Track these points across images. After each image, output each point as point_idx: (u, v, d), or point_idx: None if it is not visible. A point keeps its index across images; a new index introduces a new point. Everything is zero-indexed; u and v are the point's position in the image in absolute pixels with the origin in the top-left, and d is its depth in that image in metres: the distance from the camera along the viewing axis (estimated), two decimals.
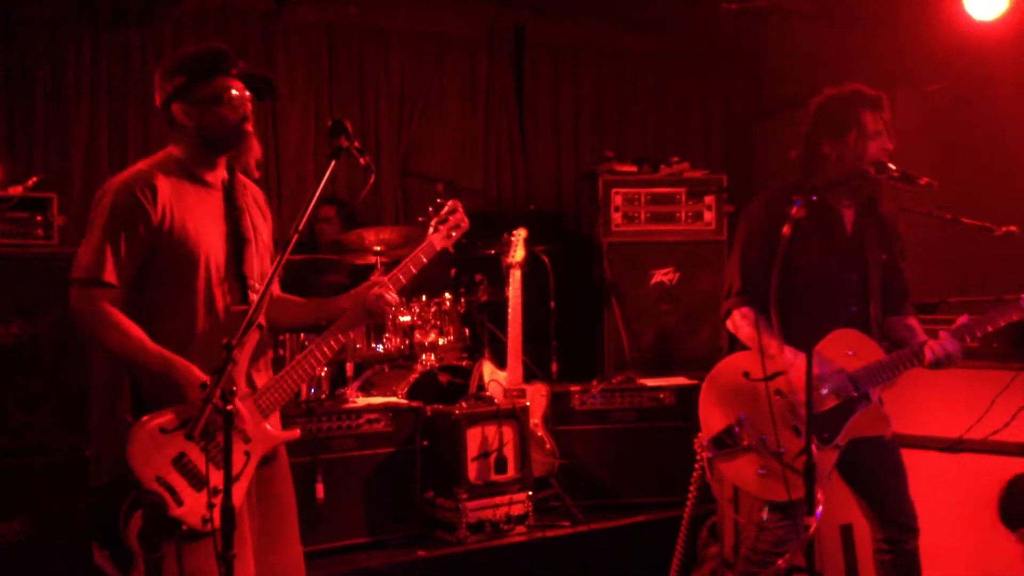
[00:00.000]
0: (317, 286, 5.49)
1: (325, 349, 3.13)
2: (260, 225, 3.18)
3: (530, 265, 5.53)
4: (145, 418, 2.83)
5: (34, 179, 4.19)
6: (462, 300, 5.71)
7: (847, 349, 3.53)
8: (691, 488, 3.89)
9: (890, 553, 3.68)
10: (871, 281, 3.68)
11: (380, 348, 5.35)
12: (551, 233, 6.28)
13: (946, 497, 4.09)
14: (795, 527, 3.51)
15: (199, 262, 2.97)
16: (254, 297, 3.03)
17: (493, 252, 5.59)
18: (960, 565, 4.13)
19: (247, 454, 2.95)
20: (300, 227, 2.79)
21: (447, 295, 5.61)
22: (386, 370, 5.52)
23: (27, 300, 3.95)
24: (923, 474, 4.13)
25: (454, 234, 3.46)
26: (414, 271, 3.33)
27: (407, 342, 5.41)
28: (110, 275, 2.87)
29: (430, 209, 3.52)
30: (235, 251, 3.05)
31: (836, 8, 6.55)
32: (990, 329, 3.55)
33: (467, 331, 5.70)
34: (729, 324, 3.72)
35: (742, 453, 3.53)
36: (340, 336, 3.16)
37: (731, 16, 6.58)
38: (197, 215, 3.00)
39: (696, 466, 3.73)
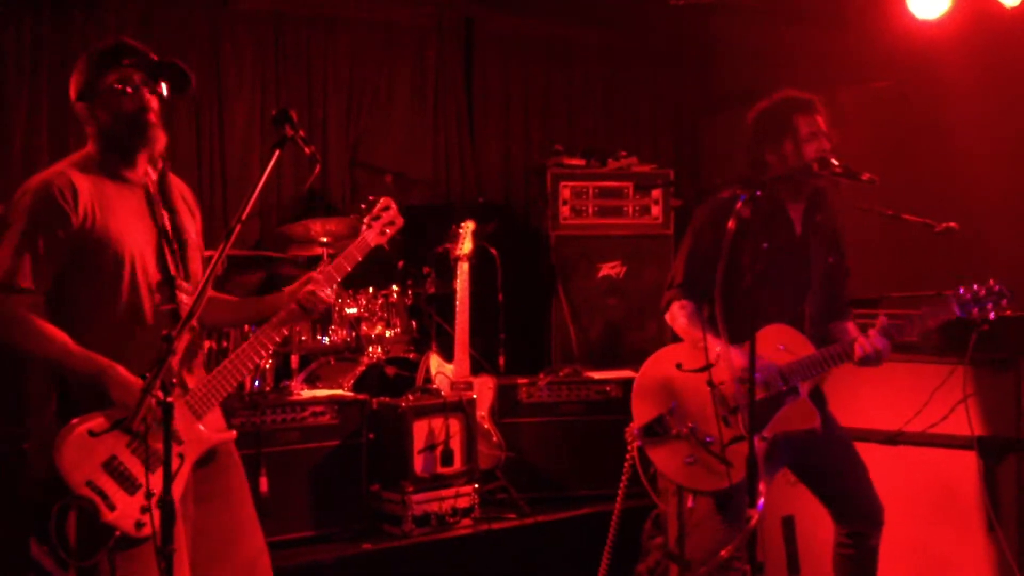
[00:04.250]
0: (275, 278, 5.46)
1: (259, 348, 3.08)
2: (188, 223, 3.11)
3: (478, 258, 5.53)
4: (74, 421, 2.76)
5: None
6: (409, 292, 5.69)
7: (779, 344, 3.58)
8: (623, 479, 3.89)
9: (853, 548, 3.73)
10: (812, 283, 3.73)
11: (326, 340, 5.31)
12: (500, 225, 6.27)
13: (886, 489, 4.15)
14: (732, 523, 3.55)
15: (124, 262, 2.90)
16: (182, 296, 2.97)
17: (442, 246, 5.57)
18: (898, 557, 4.19)
19: (181, 456, 2.87)
20: (243, 217, 2.75)
21: (394, 287, 5.59)
22: (332, 362, 5.48)
23: None
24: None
25: (388, 231, 3.45)
26: (348, 268, 3.31)
27: (353, 334, 5.39)
28: (27, 280, 2.79)
29: (362, 206, 3.50)
30: (162, 250, 2.99)
31: (783, 5, 6.60)
32: (920, 329, 3.61)
33: (414, 324, 5.69)
34: (667, 316, 3.76)
35: (671, 442, 3.57)
36: (274, 334, 3.12)
37: (679, 11, 6.61)
38: (120, 214, 2.93)
39: (627, 456, 3.74)
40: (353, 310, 5.39)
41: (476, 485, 4.95)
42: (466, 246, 5.39)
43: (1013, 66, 5.62)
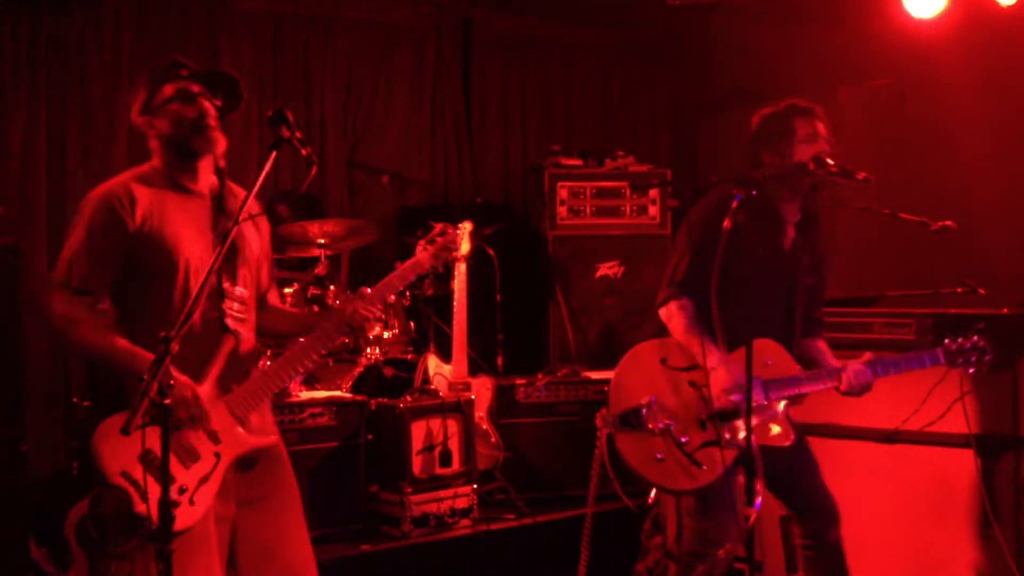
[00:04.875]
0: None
1: (302, 358, 3.15)
2: (250, 234, 3.20)
3: (476, 258, 5.53)
4: (117, 416, 2.83)
5: None
6: (407, 293, 5.68)
7: (766, 359, 3.59)
8: (594, 464, 3.82)
9: (814, 548, 3.76)
10: (797, 299, 3.76)
11: None
12: (500, 230, 6.27)
13: (882, 488, 4.16)
14: (716, 520, 3.56)
15: (177, 268, 3.00)
16: (232, 304, 3.05)
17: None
18: (895, 555, 4.20)
19: (217, 455, 2.95)
20: (239, 219, 2.79)
21: None
22: (330, 364, 5.48)
23: None
24: (861, 465, 4.20)
25: (441, 255, 3.48)
26: (400, 287, 3.37)
27: (352, 336, 5.38)
28: (83, 282, 2.95)
29: (419, 231, 3.58)
30: (218, 268, 3.01)
31: (781, 4, 6.61)
32: (904, 371, 3.68)
33: (412, 324, 5.69)
34: (663, 312, 3.73)
35: (644, 435, 3.55)
36: (318, 345, 3.17)
37: (677, 11, 6.61)
38: (179, 223, 3.03)
39: (597, 442, 3.68)
40: None
41: (474, 486, 4.95)
42: (464, 247, 5.39)
43: (1009, 64, 5.62)
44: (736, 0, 6.88)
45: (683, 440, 3.52)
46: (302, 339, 3.19)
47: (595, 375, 5.57)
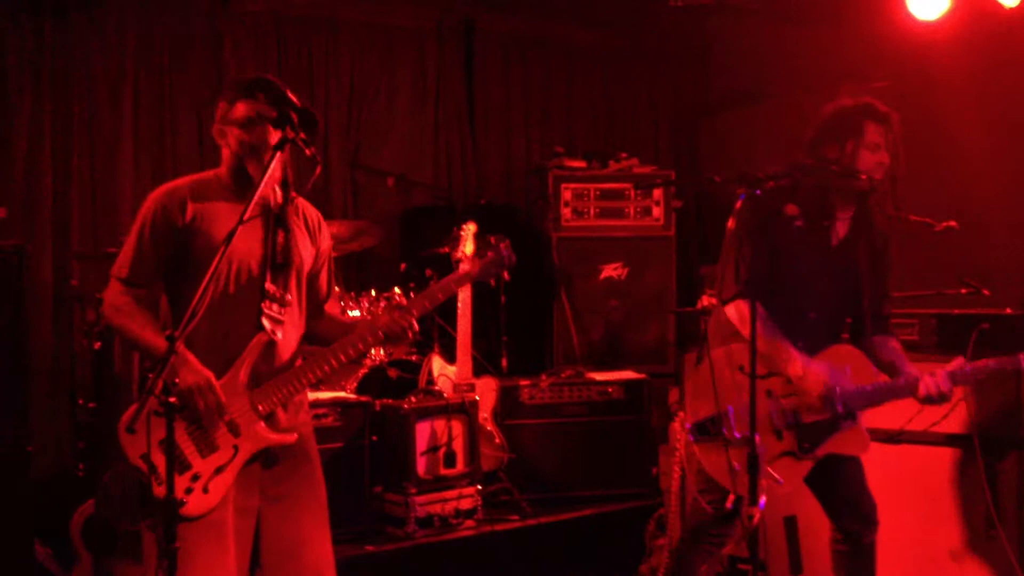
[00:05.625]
0: None
1: (331, 358, 3.14)
2: (303, 243, 3.23)
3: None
4: (145, 398, 2.84)
5: None
6: (411, 295, 5.69)
7: (846, 365, 3.55)
8: (675, 466, 3.81)
9: (848, 545, 3.72)
10: (862, 297, 3.68)
11: None
12: (502, 227, 6.26)
13: (888, 488, 4.15)
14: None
15: (220, 274, 3.04)
16: (270, 305, 3.09)
17: (444, 248, 5.57)
18: (899, 555, 4.20)
19: (235, 448, 2.99)
20: (244, 218, 2.80)
21: (396, 290, 5.60)
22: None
23: None
24: (865, 465, 4.18)
25: (491, 269, 3.43)
26: (442, 299, 3.33)
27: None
28: (134, 274, 3.08)
29: (474, 243, 3.54)
30: (261, 261, 3.10)
31: (783, 5, 6.61)
32: (985, 376, 3.54)
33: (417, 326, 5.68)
34: (732, 311, 3.61)
35: (720, 445, 3.51)
36: (349, 348, 3.16)
37: (679, 13, 6.62)
38: (228, 223, 2.99)
39: (679, 445, 3.64)
40: (356, 313, 5.40)
41: (479, 486, 4.96)
42: (468, 248, 5.39)
43: (1012, 66, 5.62)
44: (737, 2, 6.89)
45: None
46: (332, 345, 3.19)
47: (599, 376, 5.58)
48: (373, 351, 5.45)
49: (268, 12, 6.45)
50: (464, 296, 5.34)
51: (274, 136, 3.01)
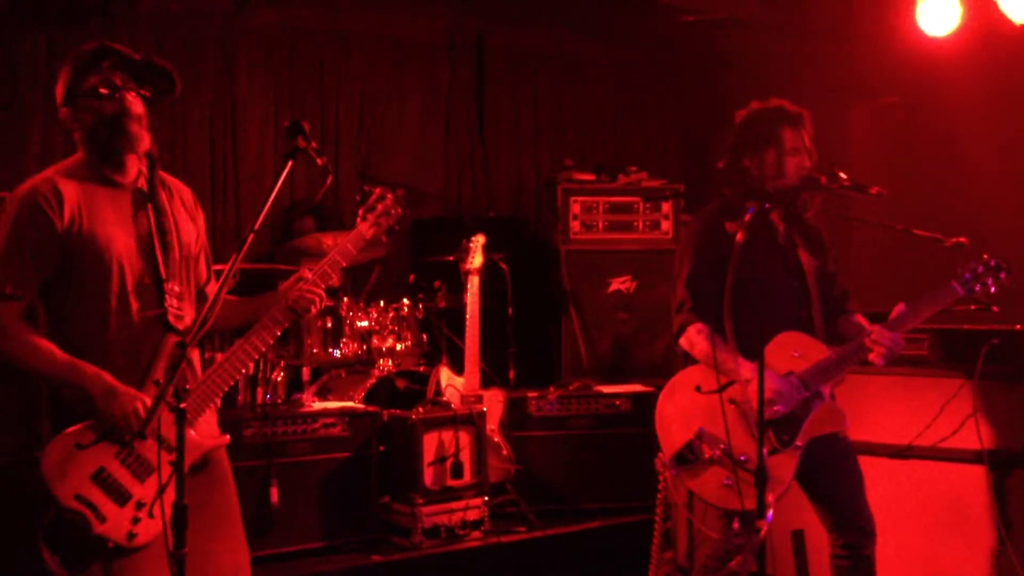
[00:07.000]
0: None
1: (249, 349, 3.03)
2: (185, 226, 3.09)
3: (489, 272, 5.54)
4: (62, 434, 2.77)
5: None
6: (420, 306, 5.70)
7: (792, 351, 3.57)
8: (657, 508, 3.87)
9: (848, 559, 3.71)
10: (810, 287, 3.74)
11: (337, 353, 5.33)
12: (510, 240, 6.29)
13: (894, 503, 4.15)
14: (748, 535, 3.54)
15: (111, 267, 2.89)
16: (172, 301, 2.95)
17: (452, 258, 5.59)
18: (907, 571, 4.18)
19: (172, 464, 2.75)
20: (256, 227, 2.75)
21: (405, 301, 5.61)
22: (343, 375, 5.50)
23: None
24: (872, 480, 4.18)
25: (382, 222, 3.36)
26: (344, 264, 3.23)
27: (364, 347, 5.40)
28: (13, 287, 2.78)
29: (357, 197, 3.45)
30: (150, 254, 2.95)
31: (793, 21, 6.63)
32: (924, 315, 3.60)
33: (425, 337, 5.70)
34: (683, 341, 3.71)
35: (705, 466, 3.52)
36: (266, 335, 3.05)
37: (689, 27, 6.64)
38: (108, 219, 2.91)
39: (659, 486, 3.72)
40: (364, 323, 5.41)
41: (486, 498, 4.95)
42: (476, 260, 5.40)
43: (1022, 81, 5.63)
44: (747, 16, 6.90)
45: (742, 459, 3.47)
46: (247, 334, 3.05)
47: (606, 389, 5.57)
48: (382, 362, 5.47)
49: (280, 25, 6.49)
50: (472, 308, 5.35)
51: (136, 104, 2.86)
